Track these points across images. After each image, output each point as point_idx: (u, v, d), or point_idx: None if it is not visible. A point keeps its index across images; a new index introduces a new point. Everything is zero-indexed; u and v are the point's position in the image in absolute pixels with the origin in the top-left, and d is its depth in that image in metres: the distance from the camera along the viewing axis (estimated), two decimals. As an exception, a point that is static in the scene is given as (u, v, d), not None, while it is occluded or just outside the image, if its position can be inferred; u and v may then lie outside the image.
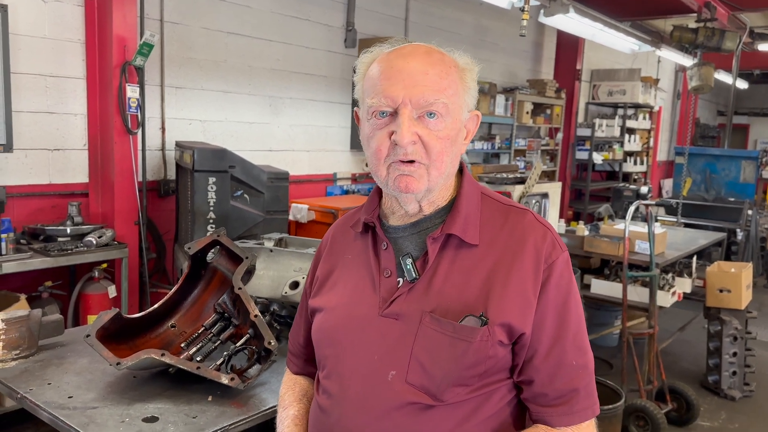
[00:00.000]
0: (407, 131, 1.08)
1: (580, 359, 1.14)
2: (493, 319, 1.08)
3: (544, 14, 5.27)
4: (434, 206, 1.19)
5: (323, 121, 5.57)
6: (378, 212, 1.25)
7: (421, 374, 1.10)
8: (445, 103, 1.10)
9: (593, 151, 8.83)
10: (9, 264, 3.20)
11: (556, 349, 1.12)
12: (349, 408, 1.14)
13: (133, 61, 3.76)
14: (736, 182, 7.78)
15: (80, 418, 1.56)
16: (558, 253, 1.15)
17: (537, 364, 1.12)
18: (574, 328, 1.14)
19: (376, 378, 1.12)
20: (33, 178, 3.75)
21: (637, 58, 9.94)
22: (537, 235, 1.15)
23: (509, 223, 1.17)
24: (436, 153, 1.11)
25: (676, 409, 3.91)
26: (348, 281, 1.24)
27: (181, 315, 2.00)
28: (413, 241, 1.19)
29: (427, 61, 1.11)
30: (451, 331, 1.09)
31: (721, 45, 6.71)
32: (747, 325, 4.42)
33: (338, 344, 1.19)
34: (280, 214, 4.14)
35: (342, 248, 1.30)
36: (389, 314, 1.14)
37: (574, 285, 1.17)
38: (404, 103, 1.08)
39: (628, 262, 3.89)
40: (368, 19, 5.77)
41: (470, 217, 1.17)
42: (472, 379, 1.10)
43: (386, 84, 1.10)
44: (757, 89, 14.39)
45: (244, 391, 1.74)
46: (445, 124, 1.11)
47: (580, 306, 1.17)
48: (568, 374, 1.12)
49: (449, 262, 1.14)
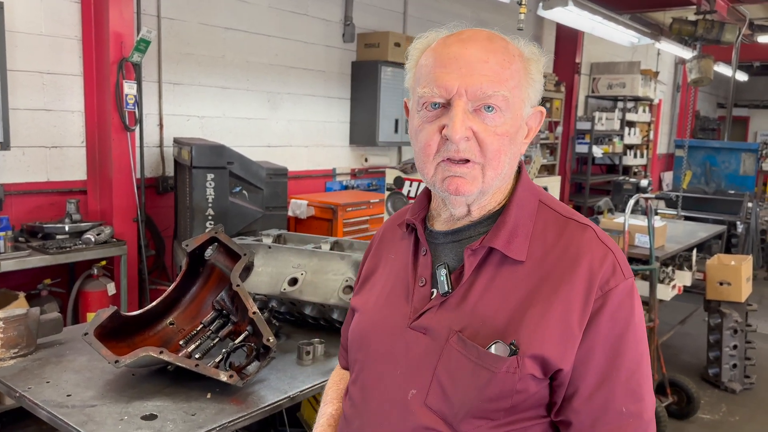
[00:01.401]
0: (460, 125, 0.96)
1: (632, 406, 0.97)
2: (524, 349, 0.94)
3: (543, 7, 5.24)
4: (484, 211, 1.07)
5: (322, 116, 5.55)
6: (425, 213, 1.14)
7: (441, 399, 0.99)
8: (506, 96, 0.98)
9: (593, 144, 8.82)
10: (7, 262, 3.19)
11: (603, 390, 0.96)
12: (368, 420, 1.08)
13: (130, 58, 3.75)
14: (736, 175, 7.77)
15: (79, 417, 1.56)
16: (619, 279, 0.98)
17: (577, 406, 0.97)
18: (630, 368, 0.97)
19: (397, 395, 1.03)
20: (31, 176, 3.74)
21: (637, 51, 9.92)
22: (595, 256, 0.99)
23: (564, 238, 1.02)
24: (492, 151, 0.99)
25: (676, 402, 3.91)
26: (386, 284, 1.15)
27: (179, 312, 2.00)
28: (453, 250, 1.07)
29: (488, 47, 0.99)
30: (476, 357, 0.97)
31: (720, 37, 6.68)
32: (747, 317, 4.42)
33: (366, 350, 1.12)
34: (279, 210, 4.13)
35: (388, 246, 1.21)
36: (417, 327, 1.04)
37: (638, 319, 1.00)
38: (459, 94, 0.97)
39: (628, 256, 3.89)
40: (366, 13, 5.75)
41: (519, 229, 1.03)
42: (495, 413, 0.97)
43: (440, 72, 0.98)
44: (757, 81, 14.35)
45: (243, 388, 1.73)
46: (504, 120, 0.99)
47: (642, 344, 1.00)
48: (614, 421, 0.97)
49: (489, 277, 1.02)
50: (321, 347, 2.03)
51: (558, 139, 8.67)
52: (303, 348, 1.99)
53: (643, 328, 1.02)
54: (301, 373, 1.90)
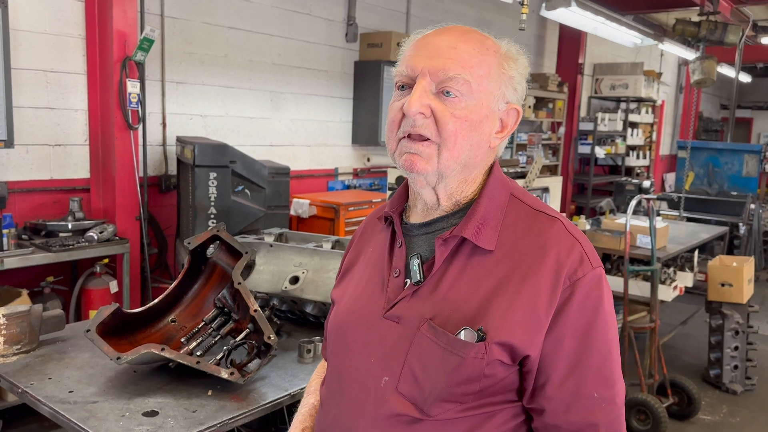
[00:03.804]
0: (416, 100, 1.00)
1: (605, 391, 1.01)
2: (491, 335, 0.98)
3: (545, 8, 5.25)
4: (453, 200, 1.10)
5: (324, 115, 5.56)
6: (403, 207, 1.18)
7: (412, 384, 1.03)
8: (467, 80, 1.01)
9: (596, 145, 8.82)
10: (11, 259, 3.21)
11: (574, 376, 1.00)
12: (344, 409, 1.11)
13: (134, 56, 3.76)
14: (738, 176, 7.76)
15: (81, 413, 1.57)
16: (586, 269, 1.01)
17: (550, 393, 1.00)
18: (601, 355, 1.01)
19: (370, 382, 1.07)
20: (34, 174, 3.75)
21: (640, 52, 9.90)
22: (562, 247, 1.02)
23: (534, 229, 1.05)
24: (448, 131, 1.02)
25: (677, 403, 3.91)
26: (363, 276, 1.19)
27: (181, 310, 2.01)
28: (426, 242, 1.11)
29: (459, 37, 1.05)
30: (445, 343, 1.00)
31: (723, 38, 6.68)
32: (748, 319, 4.42)
33: (343, 340, 1.16)
34: (281, 209, 4.14)
35: (368, 239, 1.25)
36: (391, 316, 1.08)
37: (606, 307, 1.03)
38: (423, 74, 1.02)
39: (629, 257, 3.89)
40: (369, 12, 5.76)
41: (488, 220, 1.06)
42: (465, 396, 1.00)
43: (411, 54, 1.05)
44: (760, 83, 14.33)
45: (244, 385, 1.74)
46: (465, 104, 1.02)
47: (611, 331, 1.03)
48: (587, 406, 1.00)
49: (460, 267, 1.05)
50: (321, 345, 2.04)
51: (561, 139, 8.67)
52: (304, 346, 2.00)
53: (612, 316, 1.05)
54: (301, 371, 1.90)
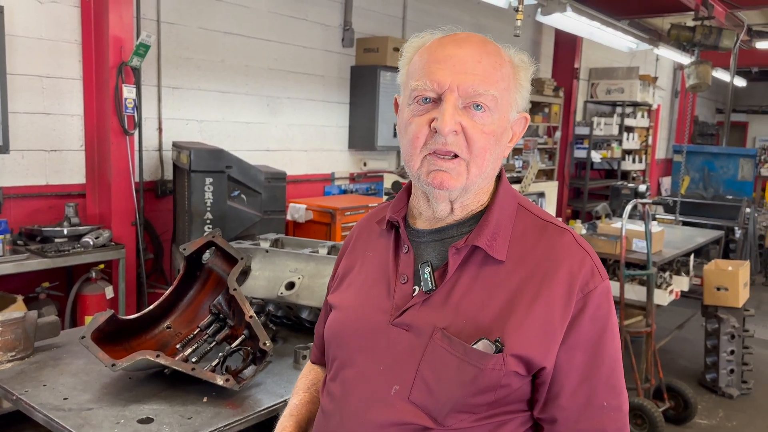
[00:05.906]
0: (450, 118, 0.99)
1: (613, 400, 1.04)
2: (508, 347, 0.98)
3: (541, 13, 5.26)
4: (467, 210, 1.09)
5: (321, 120, 5.56)
6: (405, 211, 1.16)
7: (426, 394, 1.01)
8: (495, 96, 1.02)
9: (592, 149, 8.84)
10: (6, 265, 3.20)
11: (586, 387, 1.02)
12: (349, 417, 1.09)
13: (130, 62, 3.76)
14: (734, 180, 7.79)
15: (75, 420, 1.56)
16: (597, 282, 1.03)
17: (563, 403, 1.01)
18: (610, 365, 1.04)
19: (379, 390, 1.05)
20: (30, 179, 3.74)
21: (636, 57, 9.94)
22: (574, 261, 1.03)
23: (544, 241, 1.06)
24: (478, 148, 1.01)
25: (673, 408, 3.92)
26: (365, 281, 1.17)
27: (176, 316, 2.00)
28: (436, 249, 1.09)
29: (482, 49, 1.03)
30: (461, 353, 0.99)
31: (718, 43, 6.71)
32: (744, 323, 4.43)
33: (346, 347, 1.13)
34: (278, 214, 4.14)
35: (365, 244, 1.23)
36: (399, 324, 1.06)
37: (613, 318, 1.05)
38: (451, 89, 1.00)
39: (625, 261, 3.90)
40: (366, 18, 5.77)
41: (500, 230, 1.06)
42: (479, 407, 1.00)
43: (434, 67, 1.01)
44: (755, 87, 14.39)
45: (239, 392, 1.74)
46: (492, 119, 1.02)
47: (617, 341, 1.06)
48: (597, 415, 1.02)
49: (471, 276, 1.04)
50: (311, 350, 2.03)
51: (557, 144, 8.69)
52: (299, 352, 1.99)
53: (617, 325, 1.08)
54: (297, 377, 1.89)
